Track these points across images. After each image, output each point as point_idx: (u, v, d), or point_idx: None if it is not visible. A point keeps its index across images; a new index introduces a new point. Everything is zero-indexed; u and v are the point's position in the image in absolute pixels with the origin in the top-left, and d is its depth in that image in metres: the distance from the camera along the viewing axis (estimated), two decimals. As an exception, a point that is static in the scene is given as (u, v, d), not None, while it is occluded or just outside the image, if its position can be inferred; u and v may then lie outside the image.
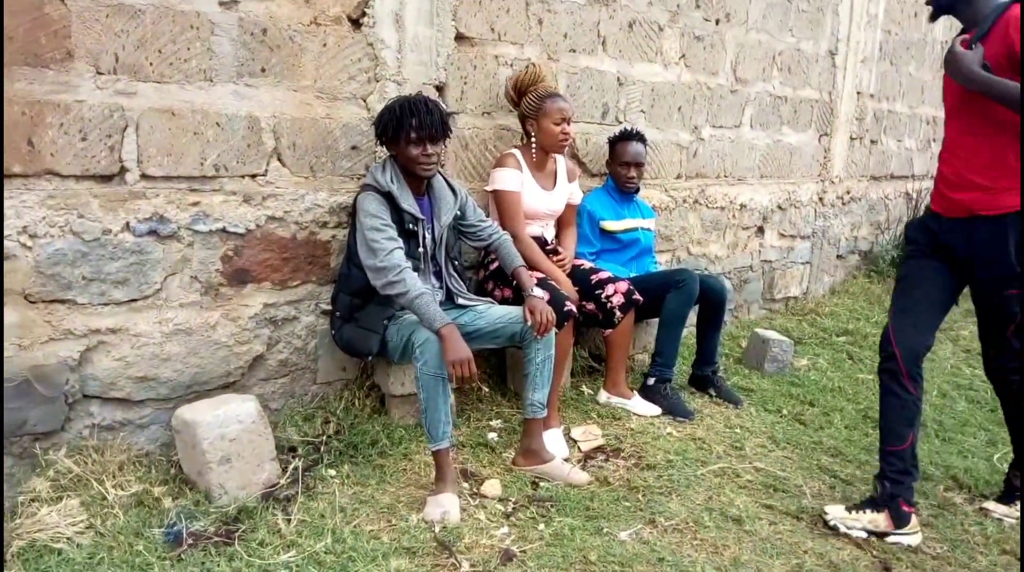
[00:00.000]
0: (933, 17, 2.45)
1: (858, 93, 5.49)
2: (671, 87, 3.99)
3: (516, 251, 2.81)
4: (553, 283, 2.92)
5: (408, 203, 2.53)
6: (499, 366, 3.27)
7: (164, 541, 2.06)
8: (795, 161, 5.01)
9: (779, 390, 3.72)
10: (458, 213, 2.75)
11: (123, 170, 2.27)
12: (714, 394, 3.49)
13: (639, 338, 3.60)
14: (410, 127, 2.47)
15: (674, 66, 3.99)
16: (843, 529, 2.42)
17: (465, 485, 2.54)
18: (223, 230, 2.49)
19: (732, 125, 4.45)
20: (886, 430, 2.49)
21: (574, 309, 2.82)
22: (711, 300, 3.40)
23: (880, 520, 2.41)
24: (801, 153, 5.05)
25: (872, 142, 5.85)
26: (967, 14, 2.30)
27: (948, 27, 6.48)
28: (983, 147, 2.28)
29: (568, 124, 3.00)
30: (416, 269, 2.58)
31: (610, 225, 3.43)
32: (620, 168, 3.41)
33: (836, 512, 2.45)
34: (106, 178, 2.25)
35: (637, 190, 3.49)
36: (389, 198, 2.51)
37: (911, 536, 2.41)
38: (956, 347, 4.81)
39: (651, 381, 3.27)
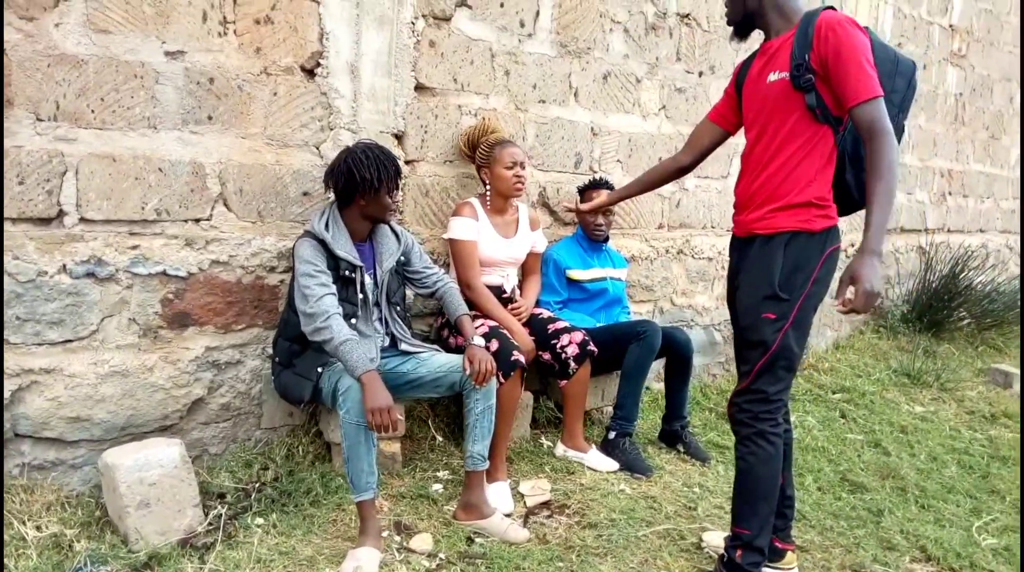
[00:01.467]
0: (739, 34, 2.30)
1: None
2: (650, 138, 3.97)
3: (460, 300, 2.79)
4: (504, 332, 2.88)
5: (344, 250, 2.53)
6: (456, 415, 3.22)
7: (67, 585, 2.04)
8: (791, 213, 4.92)
9: (757, 448, 3.58)
10: (402, 259, 2.74)
11: (61, 213, 2.32)
12: (682, 450, 3.38)
13: (606, 390, 3.52)
14: (390, 176, 2.51)
15: (653, 117, 3.97)
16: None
17: (396, 538, 2.47)
18: (163, 273, 2.52)
19: (719, 175, 4.40)
20: None
21: (521, 359, 2.77)
22: (677, 353, 3.31)
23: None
24: (798, 205, 4.95)
25: (878, 194, 5.71)
26: (777, 23, 2.16)
27: (962, 79, 6.39)
28: (764, 165, 2.16)
29: (522, 168, 3.00)
30: (355, 315, 2.58)
31: (577, 274, 3.39)
32: (588, 216, 3.39)
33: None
34: (43, 221, 2.30)
35: (606, 239, 3.45)
36: (325, 245, 2.51)
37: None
38: (960, 408, 4.60)
39: (612, 435, 3.19)
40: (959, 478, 3.49)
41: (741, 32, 2.30)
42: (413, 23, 2.97)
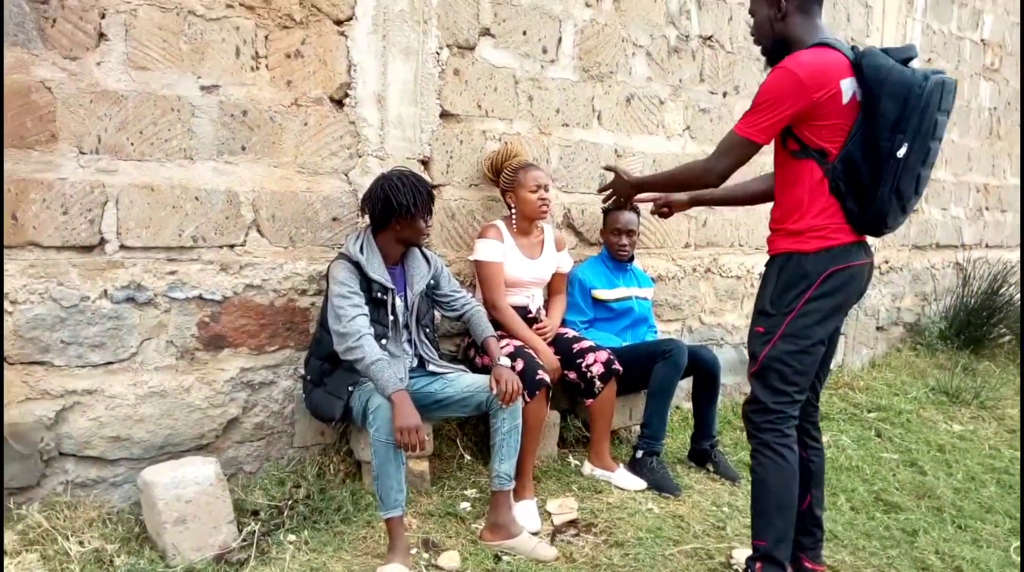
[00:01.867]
0: (772, 62, 2.28)
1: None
2: (675, 158, 4.00)
3: (487, 322, 2.84)
4: (529, 352, 2.92)
5: (377, 273, 2.61)
6: (484, 434, 3.25)
7: (107, 599, 2.11)
8: (821, 230, 4.89)
9: (788, 467, 3.55)
10: (432, 282, 2.81)
11: (102, 241, 2.44)
12: (712, 469, 3.37)
13: (634, 409, 3.53)
14: (425, 203, 2.62)
15: (678, 138, 4.01)
16: None
17: (425, 555, 2.51)
18: (200, 297, 2.62)
19: (746, 194, 4.40)
20: None
21: (546, 378, 2.81)
22: (704, 372, 3.32)
23: None
24: (828, 222, 4.93)
25: (913, 210, 5.65)
26: (796, 50, 2.18)
27: (996, 93, 6.31)
28: (775, 194, 2.30)
29: (546, 191, 3.06)
30: (385, 336, 2.64)
31: (602, 294, 3.42)
32: (612, 236, 3.42)
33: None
34: (86, 249, 2.42)
35: (631, 258, 3.48)
36: (359, 267, 2.59)
37: None
38: (1000, 426, 4.49)
39: (639, 454, 3.19)
40: (998, 498, 3.41)
41: (773, 59, 2.28)
42: (438, 53, 3.06)
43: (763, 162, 2.48)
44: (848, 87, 2.09)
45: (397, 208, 2.56)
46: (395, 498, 2.38)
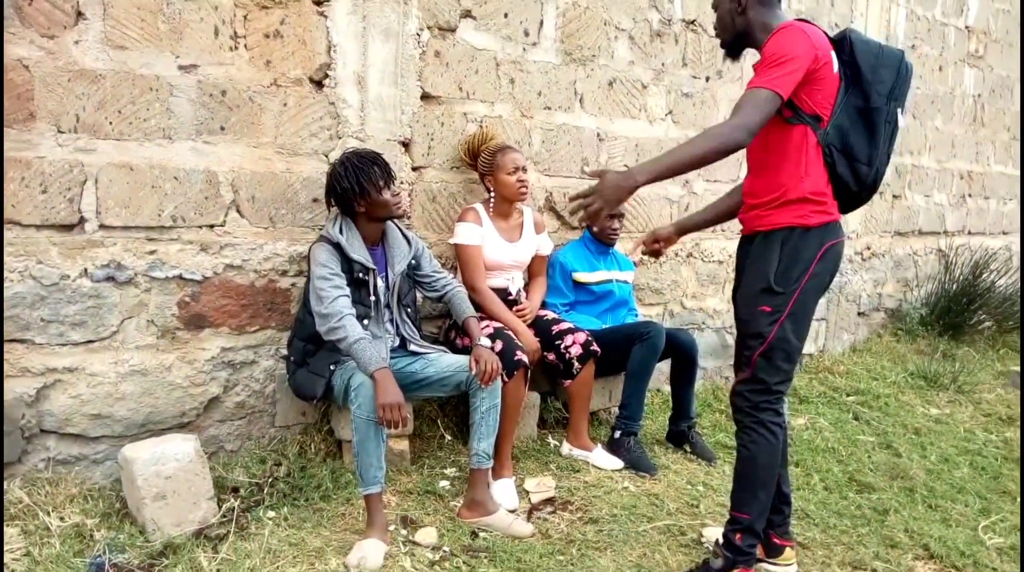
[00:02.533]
0: (731, 55, 2.40)
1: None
2: (657, 142, 4.02)
3: (468, 303, 2.87)
4: (509, 333, 2.95)
5: (358, 253, 2.63)
6: (465, 415, 3.28)
7: (87, 570, 2.14)
8: (804, 215, 4.93)
9: (766, 449, 3.60)
10: (413, 263, 2.83)
11: (82, 220, 2.45)
12: (689, 450, 3.42)
13: (613, 391, 3.57)
14: (377, 176, 2.60)
15: (660, 122, 4.04)
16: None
17: (403, 532, 2.55)
18: (180, 277, 2.64)
19: (729, 179, 4.43)
20: None
21: (524, 358, 2.84)
22: (681, 354, 3.36)
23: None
24: (811, 207, 4.96)
25: (895, 197, 5.71)
26: (761, 40, 2.23)
27: (980, 80, 6.35)
28: (761, 165, 2.27)
29: (524, 172, 3.08)
30: (367, 316, 2.67)
31: (583, 277, 3.46)
32: (604, 221, 3.45)
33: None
34: (65, 227, 2.43)
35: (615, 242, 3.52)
36: (339, 249, 2.61)
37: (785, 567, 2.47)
38: (976, 410, 4.56)
39: (617, 434, 3.24)
40: (970, 479, 3.47)
41: (733, 52, 2.40)
42: (418, 35, 3.07)
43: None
44: (834, 58, 2.18)
45: (344, 193, 2.59)
46: (374, 475, 2.41)
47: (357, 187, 2.58)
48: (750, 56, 2.32)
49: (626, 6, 3.78)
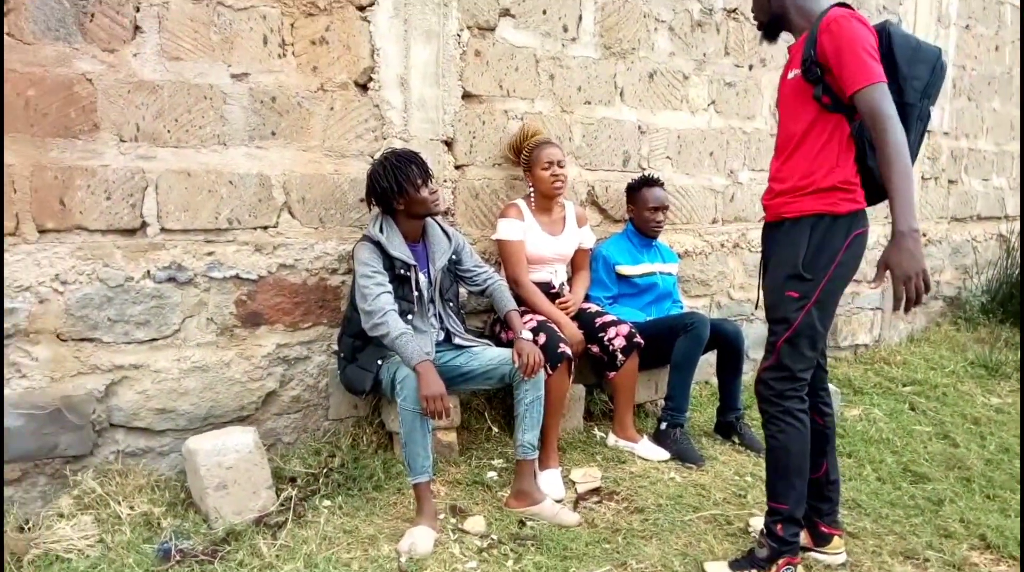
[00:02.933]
0: (768, 37, 2.41)
1: (928, 132, 5.25)
2: (700, 133, 4.01)
3: (509, 296, 2.93)
4: (552, 326, 2.99)
5: (398, 250, 2.71)
6: (512, 408, 3.33)
7: (155, 556, 2.27)
8: (855, 203, 4.84)
9: (817, 439, 3.57)
10: (454, 258, 2.90)
11: (144, 224, 2.58)
12: (737, 441, 3.42)
13: (659, 383, 3.58)
14: (415, 175, 2.69)
15: (702, 112, 4.02)
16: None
17: (452, 520, 2.62)
18: (236, 277, 2.76)
19: (775, 168, 4.39)
20: None
21: (568, 351, 2.88)
22: (727, 345, 3.35)
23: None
24: (861, 195, 4.88)
25: (950, 182, 5.56)
26: (799, 23, 2.25)
27: (1040, 59, 6.11)
28: (793, 150, 2.24)
29: (559, 167, 3.12)
30: (411, 312, 2.74)
31: (626, 270, 3.48)
32: (647, 213, 3.47)
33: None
34: (129, 232, 2.56)
35: (659, 234, 3.53)
36: (380, 247, 2.69)
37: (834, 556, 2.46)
38: (1040, 399, 4.42)
39: (663, 426, 3.25)
40: (1032, 469, 3.38)
41: (769, 34, 2.41)
42: (459, 35, 3.14)
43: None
44: None
45: (384, 192, 2.67)
46: (422, 464, 2.49)
47: (396, 186, 2.66)
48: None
49: (666, -2, 3.78)
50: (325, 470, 2.80)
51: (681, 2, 3.84)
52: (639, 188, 3.53)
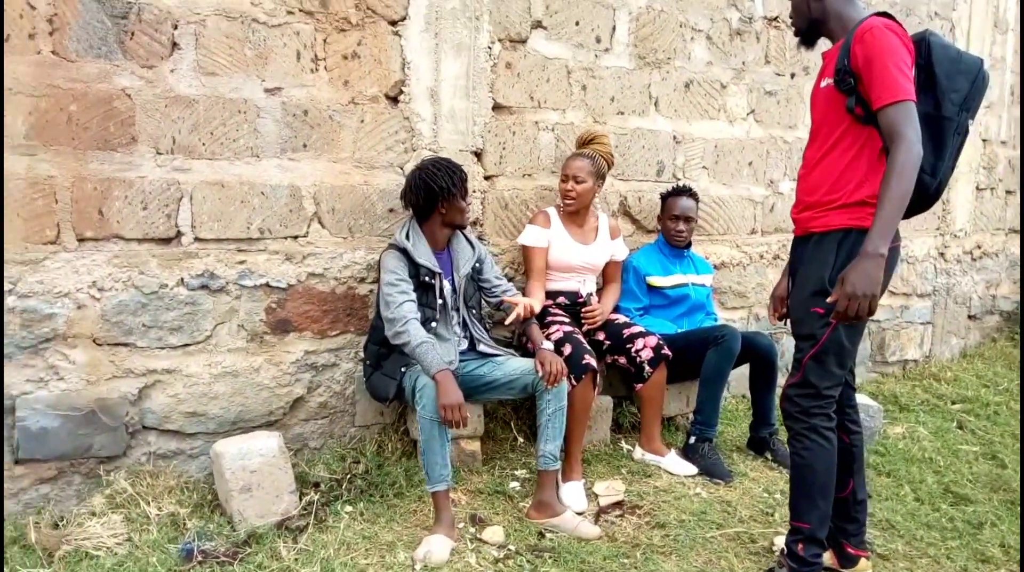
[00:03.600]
0: (806, 43, 2.35)
1: (984, 141, 5.08)
2: (738, 143, 3.95)
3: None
4: (578, 337, 2.99)
5: (424, 258, 2.74)
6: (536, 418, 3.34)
7: (178, 556, 2.34)
8: (903, 214, 4.69)
9: (855, 458, 3.46)
10: (477, 266, 2.92)
11: (179, 234, 2.67)
12: (770, 457, 3.34)
13: (690, 396, 3.53)
14: (460, 183, 2.76)
15: (741, 122, 3.96)
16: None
17: (471, 529, 2.63)
18: (267, 285, 2.83)
19: (817, 179, 4.29)
20: None
21: (592, 362, 2.87)
22: (760, 358, 3.29)
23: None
24: (910, 206, 4.72)
25: (1008, 193, 5.34)
26: (836, 31, 2.19)
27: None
28: (822, 161, 2.19)
29: (575, 182, 3.12)
30: (434, 319, 2.77)
31: (657, 281, 3.44)
32: (668, 222, 3.45)
33: None
34: (164, 241, 2.66)
35: (688, 245, 3.49)
36: (406, 254, 2.73)
37: None
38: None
39: (692, 440, 3.21)
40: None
41: (807, 40, 2.35)
42: (489, 47, 3.16)
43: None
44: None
45: (439, 191, 2.71)
46: (440, 473, 2.51)
47: (452, 187, 2.72)
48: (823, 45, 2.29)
49: (703, 7, 3.74)
50: (349, 476, 2.84)
51: (719, 11, 3.80)
52: (668, 197, 3.50)
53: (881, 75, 1.99)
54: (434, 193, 2.72)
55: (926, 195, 2.13)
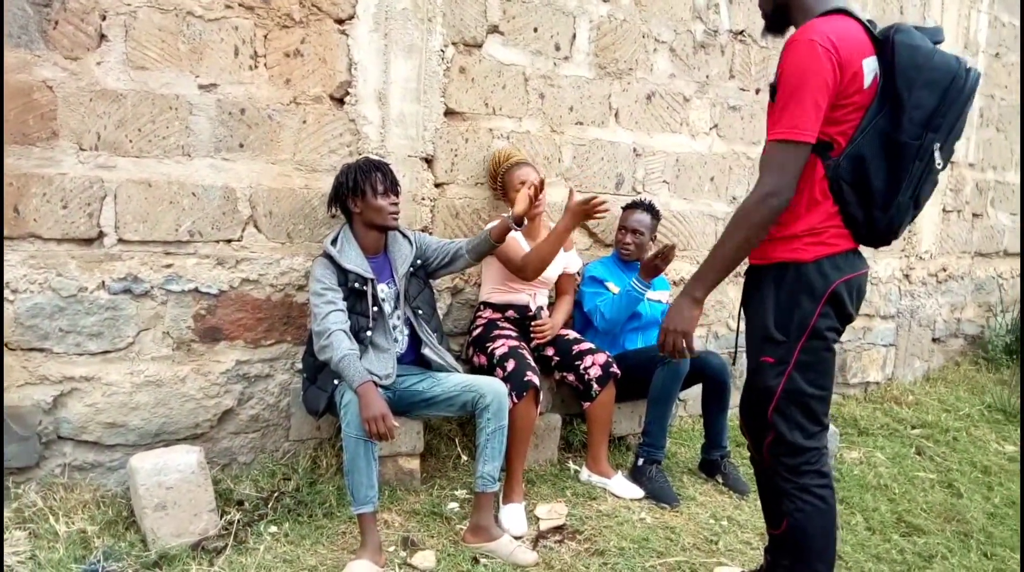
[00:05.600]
0: (772, 29, 2.09)
1: (951, 162, 5.04)
2: (700, 158, 3.88)
3: (482, 234, 2.79)
4: (523, 352, 2.87)
5: (352, 263, 2.61)
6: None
7: (81, 578, 2.20)
8: (868, 235, 4.64)
9: (809, 483, 3.38)
10: (419, 261, 2.78)
11: (101, 234, 2.54)
12: (721, 481, 3.25)
13: (643, 416, 3.42)
14: (377, 180, 2.61)
15: (704, 136, 3.88)
16: None
17: (402, 554, 2.51)
18: (196, 290, 2.69)
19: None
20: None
21: (535, 380, 2.76)
22: (712, 379, 3.20)
23: None
24: (876, 226, 4.67)
25: (975, 215, 5.32)
26: (799, 20, 1.92)
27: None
28: None
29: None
30: (368, 328, 2.63)
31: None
32: (619, 234, 3.37)
33: None
34: (85, 241, 2.52)
35: (637, 259, 3.38)
36: (334, 261, 2.61)
37: None
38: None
39: (639, 462, 3.10)
40: (1046, 528, 3.15)
41: (774, 27, 2.10)
42: (443, 51, 3.06)
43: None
44: (869, 68, 1.81)
45: (339, 188, 2.63)
46: (365, 493, 2.38)
47: (352, 184, 2.60)
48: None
49: (667, 18, 3.66)
50: (277, 493, 2.71)
51: (683, 23, 3.72)
52: (625, 209, 3.42)
53: (783, 102, 1.79)
54: (340, 189, 2.63)
55: (876, 231, 1.89)
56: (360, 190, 2.59)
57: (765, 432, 2.02)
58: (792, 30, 2.02)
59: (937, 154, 1.81)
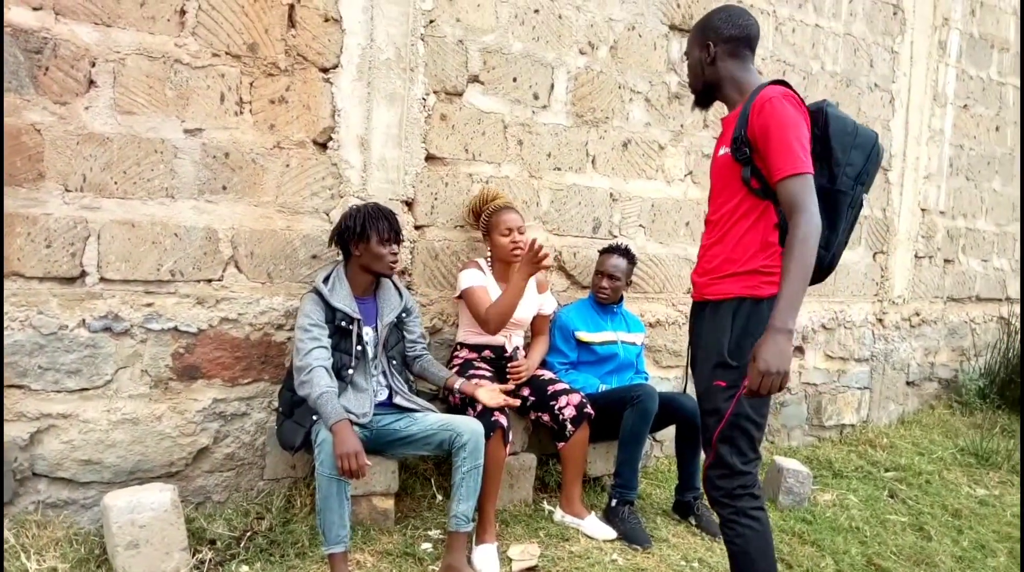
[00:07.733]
0: (700, 104, 2.35)
1: (923, 210, 5.19)
2: (676, 203, 3.98)
3: (439, 366, 2.95)
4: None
5: (342, 302, 2.67)
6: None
7: (50, 617, 2.20)
8: (842, 279, 4.75)
9: (782, 526, 3.42)
10: (403, 316, 2.86)
11: (83, 273, 2.58)
12: (694, 522, 3.28)
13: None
14: (382, 228, 2.69)
15: (679, 183, 3.99)
16: None
17: (373, 594, 2.52)
18: (175, 329, 2.74)
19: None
20: None
21: (501, 420, 2.80)
22: (685, 421, 3.25)
23: None
24: (849, 271, 4.79)
25: (946, 261, 5.44)
26: (733, 96, 2.20)
27: (1043, 141, 6.04)
28: (720, 232, 2.18)
29: (519, 234, 3.07)
30: (350, 366, 2.69)
31: (585, 336, 3.41)
32: (595, 278, 3.45)
33: None
34: (67, 280, 2.56)
35: (614, 302, 3.46)
36: (323, 298, 2.67)
37: None
38: (1031, 492, 4.22)
39: (613, 503, 3.13)
40: (1005, 569, 3.19)
41: (702, 102, 2.36)
42: (424, 99, 3.16)
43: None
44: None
45: (345, 231, 2.69)
46: (337, 533, 2.41)
47: (359, 229, 2.67)
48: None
49: (642, 70, 3.79)
50: (250, 533, 2.71)
51: (658, 75, 3.85)
52: (602, 253, 3.50)
53: (779, 147, 1.99)
54: (346, 232, 2.70)
55: (819, 268, 2.10)
56: (365, 235, 2.67)
57: (706, 454, 2.18)
58: (720, 104, 2.30)
59: (864, 201, 2.21)
